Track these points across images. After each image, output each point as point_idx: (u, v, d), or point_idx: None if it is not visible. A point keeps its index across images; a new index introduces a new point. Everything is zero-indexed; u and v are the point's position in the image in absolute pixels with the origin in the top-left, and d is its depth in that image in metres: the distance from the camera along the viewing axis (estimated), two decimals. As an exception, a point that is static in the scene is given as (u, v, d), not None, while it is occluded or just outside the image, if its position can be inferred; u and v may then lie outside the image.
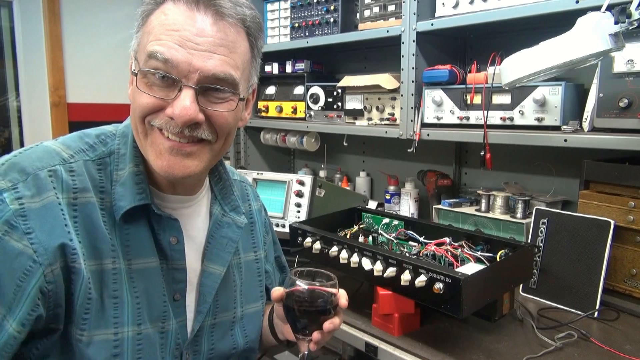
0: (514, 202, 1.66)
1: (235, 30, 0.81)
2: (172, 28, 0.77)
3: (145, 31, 0.81)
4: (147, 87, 0.79)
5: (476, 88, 1.58)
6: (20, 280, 0.72)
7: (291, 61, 2.33)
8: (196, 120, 0.78)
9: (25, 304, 0.72)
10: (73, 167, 0.81)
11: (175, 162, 0.80)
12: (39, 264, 0.73)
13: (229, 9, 0.79)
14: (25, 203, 0.74)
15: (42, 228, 0.74)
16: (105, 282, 0.80)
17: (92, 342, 0.77)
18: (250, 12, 0.83)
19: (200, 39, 0.77)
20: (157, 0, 0.81)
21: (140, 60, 0.80)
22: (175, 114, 0.77)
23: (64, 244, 0.75)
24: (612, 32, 1.06)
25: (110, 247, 0.81)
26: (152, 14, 0.81)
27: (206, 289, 0.93)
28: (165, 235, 0.87)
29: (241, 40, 0.82)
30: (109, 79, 3.18)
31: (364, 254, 1.26)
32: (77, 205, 0.79)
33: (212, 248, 0.94)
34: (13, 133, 3.13)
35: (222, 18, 0.79)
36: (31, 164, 0.78)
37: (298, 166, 2.84)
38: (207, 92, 0.80)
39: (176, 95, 0.78)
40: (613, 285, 1.38)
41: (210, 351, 0.94)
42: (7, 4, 2.96)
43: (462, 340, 1.21)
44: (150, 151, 0.82)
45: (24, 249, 0.72)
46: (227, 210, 0.99)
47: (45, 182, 0.77)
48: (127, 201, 0.82)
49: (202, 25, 0.77)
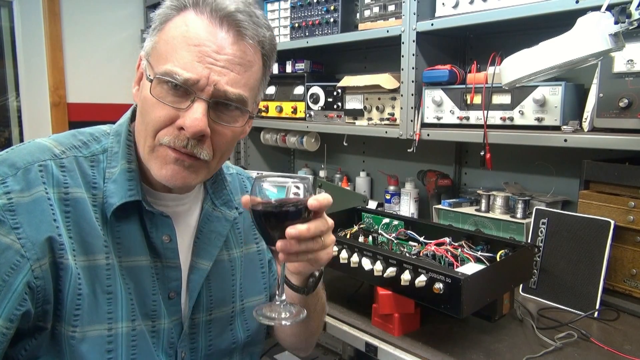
0: (514, 202, 1.66)
1: (253, 50, 0.82)
2: (193, 43, 0.77)
3: (163, 38, 0.80)
4: (160, 95, 0.79)
5: (476, 88, 1.58)
6: (6, 275, 0.71)
7: (291, 61, 2.34)
8: (204, 133, 0.79)
9: (12, 299, 0.71)
10: (64, 162, 0.82)
11: (178, 172, 0.81)
12: (27, 259, 0.73)
13: (250, 31, 0.80)
14: (13, 197, 0.74)
15: (30, 223, 0.74)
16: (98, 277, 0.80)
17: (85, 339, 0.77)
18: (269, 33, 0.85)
19: (220, 56, 0.78)
20: (178, 6, 0.80)
21: (155, 67, 0.80)
22: (187, 124, 0.77)
23: (52, 238, 0.75)
24: (612, 32, 1.07)
25: (102, 243, 0.81)
26: (171, 19, 0.81)
27: (193, 285, 0.92)
28: (157, 233, 0.87)
29: (257, 60, 0.84)
30: (109, 79, 3.18)
31: (364, 254, 1.26)
32: (68, 201, 0.79)
33: (201, 243, 0.94)
34: (13, 133, 3.12)
35: (243, 39, 0.80)
36: (22, 159, 0.78)
37: (298, 166, 2.84)
38: (218, 107, 0.81)
39: (188, 106, 0.78)
40: (613, 285, 1.38)
41: (208, 347, 0.94)
42: (7, 4, 2.96)
43: (462, 340, 1.21)
44: (154, 163, 0.82)
45: (11, 243, 0.72)
46: (217, 204, 0.99)
47: (35, 176, 0.77)
48: (117, 198, 0.82)
49: (223, 43, 0.78)
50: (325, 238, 0.79)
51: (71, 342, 0.76)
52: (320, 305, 1.04)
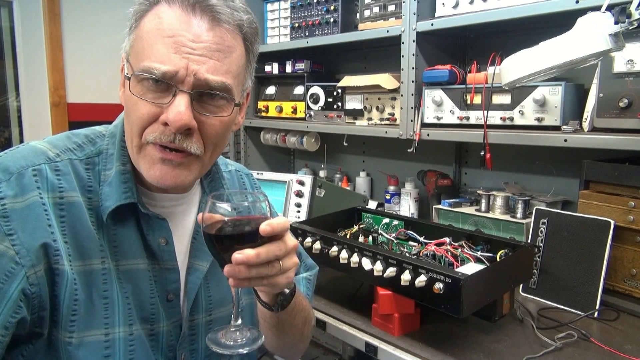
0: (514, 202, 1.66)
1: (231, 36, 0.79)
2: (167, 34, 0.75)
3: (139, 35, 0.79)
4: (140, 93, 0.77)
5: (476, 88, 1.58)
6: (1, 282, 0.70)
7: (291, 61, 2.33)
8: (190, 126, 0.77)
9: (7, 306, 0.70)
10: (59, 166, 0.80)
11: (167, 172, 0.80)
12: (22, 266, 0.72)
13: (226, 15, 0.78)
14: (7, 203, 0.73)
15: (24, 229, 0.73)
16: (94, 282, 0.79)
17: (82, 344, 0.76)
18: (247, 16, 0.82)
19: (196, 44, 0.75)
20: (150, 1, 0.79)
21: (134, 66, 0.78)
22: (170, 119, 0.75)
23: (47, 244, 0.74)
24: (612, 32, 1.07)
25: (98, 247, 0.80)
26: (145, 15, 0.79)
27: (191, 287, 0.91)
28: (154, 236, 0.86)
29: (237, 45, 0.81)
30: (109, 79, 3.17)
31: (364, 254, 1.26)
32: (63, 205, 0.78)
33: (197, 244, 0.93)
34: (13, 133, 3.12)
35: (219, 24, 0.77)
36: (15, 163, 0.77)
37: (298, 166, 2.84)
38: (202, 97, 0.79)
39: (170, 101, 0.76)
40: (613, 285, 1.38)
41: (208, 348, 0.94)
42: (7, 4, 2.96)
43: (462, 340, 1.21)
44: (142, 163, 0.81)
45: (5, 250, 0.71)
46: None
47: (29, 181, 0.76)
48: (112, 200, 0.81)
49: (198, 31, 0.76)
50: (284, 262, 0.75)
51: (68, 347, 0.76)
52: (300, 319, 0.98)
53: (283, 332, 0.97)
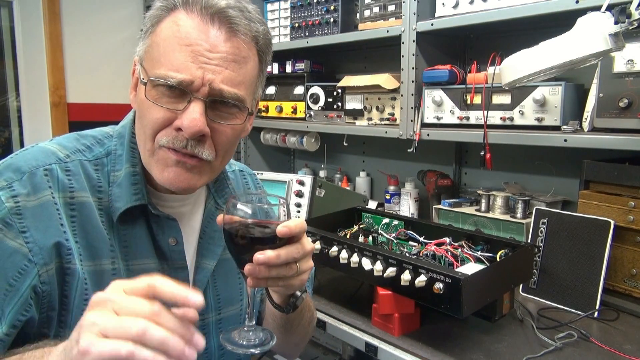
0: (514, 202, 1.66)
1: (247, 47, 0.80)
2: (185, 42, 0.76)
3: (155, 40, 0.79)
4: (155, 97, 0.78)
5: (476, 88, 1.58)
6: (14, 279, 0.71)
7: (291, 61, 2.33)
8: (203, 132, 0.78)
9: (18, 303, 0.71)
10: (69, 166, 0.81)
11: (180, 174, 0.80)
12: (34, 264, 0.72)
13: (243, 27, 0.78)
14: (20, 201, 0.74)
15: (37, 227, 0.74)
16: (105, 282, 0.78)
17: None
18: (262, 28, 0.83)
19: (213, 54, 0.76)
20: (168, 6, 0.79)
21: (149, 71, 0.79)
22: (184, 125, 0.76)
23: (59, 243, 0.75)
24: (612, 32, 1.07)
25: (109, 248, 0.81)
26: (162, 21, 0.79)
27: (199, 285, 0.92)
28: (164, 236, 0.87)
29: (252, 56, 0.82)
30: (109, 79, 3.18)
31: (364, 254, 1.26)
32: (74, 205, 0.79)
33: (205, 243, 0.94)
34: (13, 133, 3.12)
35: (236, 35, 0.78)
36: (26, 163, 0.78)
37: (298, 166, 2.84)
38: (215, 105, 0.79)
39: (185, 107, 0.77)
40: (613, 285, 1.38)
41: (220, 347, 0.94)
42: (7, 4, 2.96)
43: (462, 340, 1.21)
44: (156, 166, 0.81)
45: (19, 247, 0.72)
46: (220, 203, 0.98)
47: (40, 180, 0.77)
48: (123, 202, 0.82)
49: (215, 41, 0.77)
50: (301, 264, 0.76)
51: None
52: (307, 319, 1.01)
53: (290, 331, 0.98)
